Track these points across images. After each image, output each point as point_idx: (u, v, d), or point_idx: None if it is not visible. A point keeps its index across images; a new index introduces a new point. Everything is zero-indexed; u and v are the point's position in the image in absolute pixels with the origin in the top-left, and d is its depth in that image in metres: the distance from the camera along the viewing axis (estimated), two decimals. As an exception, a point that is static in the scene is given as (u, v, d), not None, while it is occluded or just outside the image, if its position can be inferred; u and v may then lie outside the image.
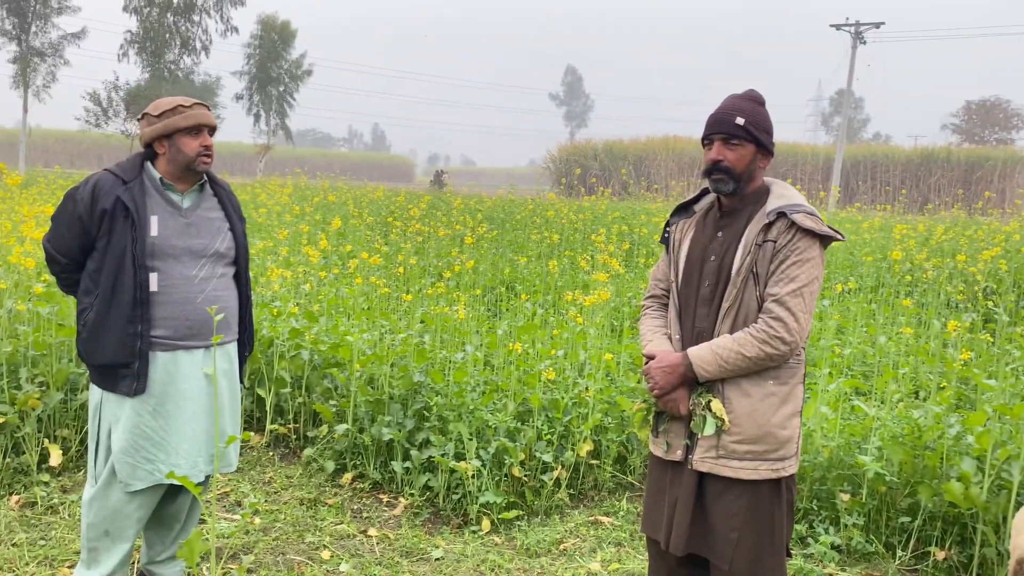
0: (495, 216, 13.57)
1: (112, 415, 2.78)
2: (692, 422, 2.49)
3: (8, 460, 4.04)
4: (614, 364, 4.88)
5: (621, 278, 7.52)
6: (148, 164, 2.85)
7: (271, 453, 4.70)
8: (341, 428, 4.30)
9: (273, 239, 8.25)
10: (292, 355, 4.87)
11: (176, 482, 2.09)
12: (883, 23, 38.92)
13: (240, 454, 4.65)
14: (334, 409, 4.48)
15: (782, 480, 2.48)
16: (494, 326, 5.73)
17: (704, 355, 2.43)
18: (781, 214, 2.42)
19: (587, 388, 4.44)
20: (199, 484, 2.90)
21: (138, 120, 2.87)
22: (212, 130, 2.86)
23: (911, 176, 45.35)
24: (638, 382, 4.65)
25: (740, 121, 2.47)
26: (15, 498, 3.86)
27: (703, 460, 2.47)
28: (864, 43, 39.34)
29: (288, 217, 11.12)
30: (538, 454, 4.09)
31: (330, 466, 4.34)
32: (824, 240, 2.45)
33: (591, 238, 9.31)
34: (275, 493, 4.21)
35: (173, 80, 39.56)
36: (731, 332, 2.45)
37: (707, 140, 2.54)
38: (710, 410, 2.46)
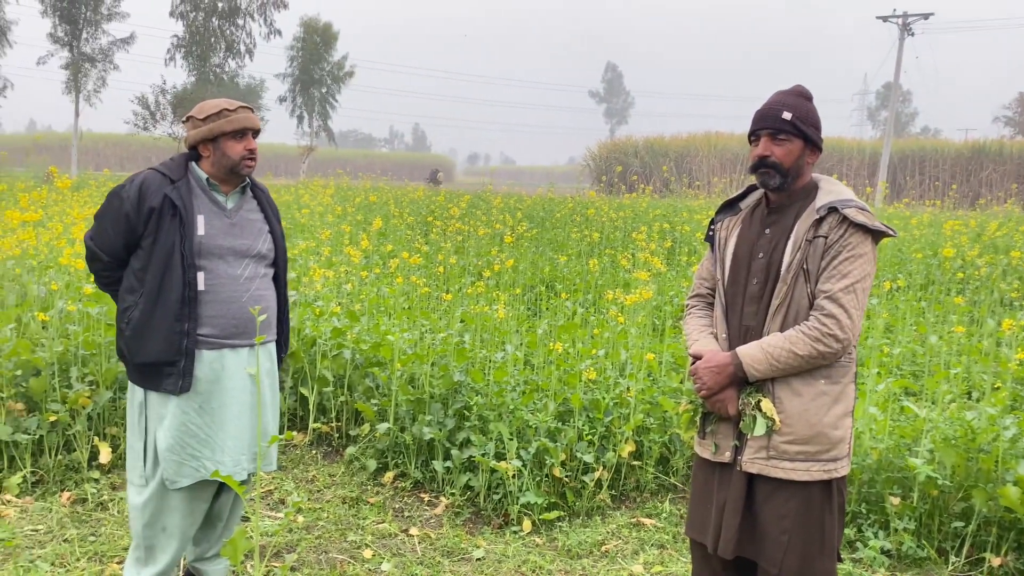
0: (535, 214, 13.55)
1: (156, 414, 2.81)
2: (741, 423, 2.45)
3: (60, 457, 4.14)
4: (656, 364, 4.82)
5: (663, 276, 7.44)
6: (193, 164, 2.87)
7: (314, 451, 4.75)
8: (383, 427, 4.32)
9: (315, 239, 8.34)
10: (334, 354, 4.91)
11: (221, 479, 2.10)
12: (932, 14, 38.01)
13: (283, 452, 4.70)
14: (375, 408, 4.50)
15: (833, 482, 2.43)
16: (534, 325, 5.71)
17: (754, 354, 2.39)
18: (832, 209, 2.37)
19: (628, 388, 4.40)
20: (243, 483, 2.93)
21: (183, 122, 2.90)
22: (256, 133, 2.88)
23: (961, 171, 44.21)
24: (681, 382, 4.59)
25: (787, 116, 2.42)
26: (66, 495, 3.95)
27: (753, 461, 2.42)
28: (912, 35, 38.46)
29: (330, 217, 11.23)
30: (579, 455, 4.06)
31: (372, 465, 4.36)
32: (876, 236, 2.40)
33: (632, 236, 9.23)
34: (318, 491, 4.24)
35: (218, 83, 40.29)
36: (781, 330, 2.40)
37: (753, 136, 2.50)
38: (760, 410, 2.41)
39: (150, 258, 2.74)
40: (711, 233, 2.72)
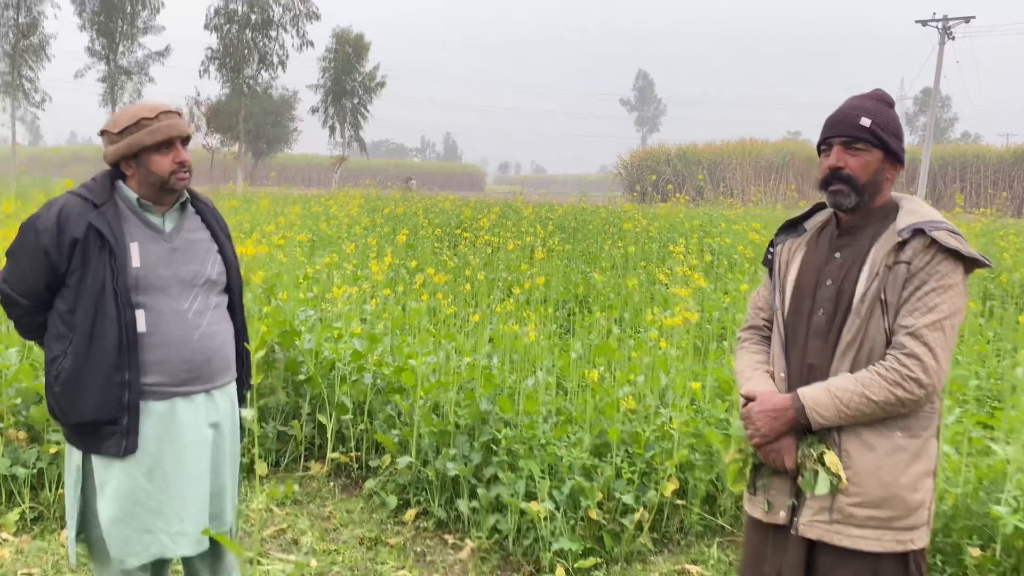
0: (567, 225, 13.20)
1: (98, 480, 2.43)
2: (800, 478, 2.09)
3: (61, 492, 3.87)
4: (700, 391, 4.45)
5: (703, 292, 7.05)
6: (120, 183, 2.48)
7: (331, 484, 4.44)
8: (404, 461, 4.00)
9: (340, 253, 8.08)
10: (354, 379, 4.60)
11: (180, 553, 1.76)
12: (973, 17, 37.09)
13: (300, 484, 4.40)
14: (396, 439, 4.18)
15: (910, 555, 2.06)
16: (567, 345, 5.36)
17: (819, 397, 2.03)
18: (918, 231, 2.01)
19: (671, 419, 4.03)
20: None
21: (100, 135, 2.49)
22: (186, 140, 2.48)
23: (1004, 177, 43.08)
24: (727, 410, 4.21)
25: (865, 122, 2.07)
26: (66, 533, 3.68)
27: (812, 524, 2.07)
28: (952, 39, 37.56)
29: (358, 229, 10.99)
30: (617, 494, 3.70)
31: (392, 501, 4.04)
32: (968, 264, 2.03)
33: (670, 249, 8.85)
34: (334, 530, 3.93)
35: (252, 94, 40.59)
36: (851, 370, 2.04)
37: (824, 145, 2.14)
38: (823, 464, 2.05)
39: (78, 298, 2.34)
40: (770, 256, 2.37)
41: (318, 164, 73.52)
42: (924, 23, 37.64)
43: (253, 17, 39.74)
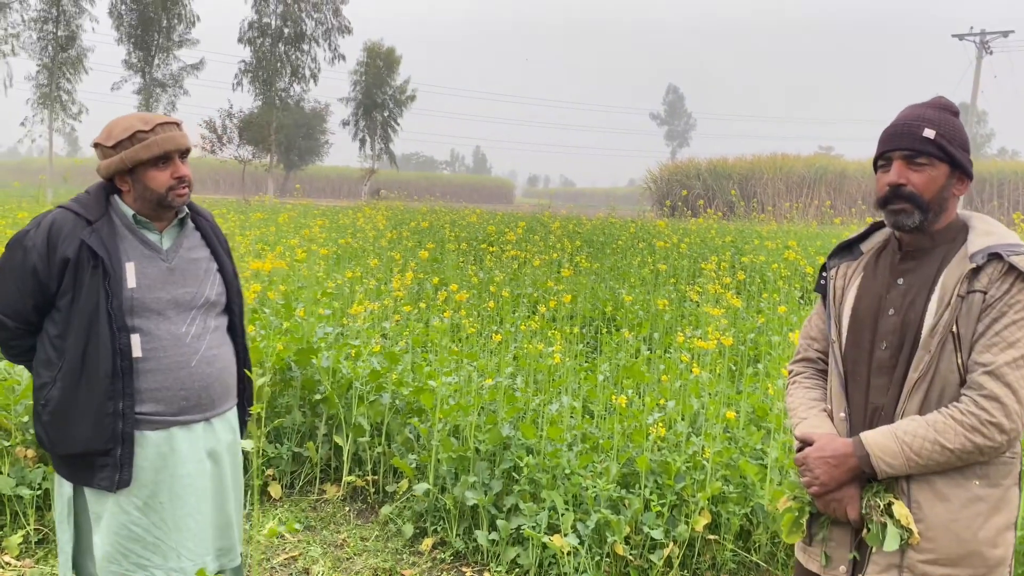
0: (595, 239, 12.98)
1: (92, 514, 2.28)
2: (866, 532, 1.87)
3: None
4: (735, 419, 4.22)
5: (736, 312, 6.80)
6: (115, 198, 2.32)
7: (347, 508, 4.26)
8: (420, 488, 3.82)
9: (364, 267, 7.95)
10: (371, 399, 4.44)
11: None
12: (1012, 31, 36.39)
13: (314, 509, 4.23)
14: (414, 464, 4.00)
15: None
16: (593, 366, 5.15)
17: (886, 444, 1.81)
18: (995, 255, 1.78)
19: (703, 448, 3.80)
20: None
21: (92, 147, 2.33)
22: (185, 153, 2.33)
23: (1044, 194, 42.13)
24: (759, 440, 3.98)
25: (930, 134, 1.85)
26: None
27: None
28: (990, 53, 36.88)
29: (383, 242, 10.87)
30: (645, 528, 3.48)
31: (408, 530, 3.86)
32: None
33: (701, 266, 8.60)
34: (347, 559, 3.75)
35: (283, 107, 40.96)
36: (920, 412, 1.82)
37: (883, 160, 1.93)
38: (891, 516, 1.83)
39: (69, 322, 2.19)
40: (823, 281, 2.15)
41: (349, 176, 73.99)
42: (961, 37, 37.04)
43: (286, 31, 40.18)
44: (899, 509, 1.82)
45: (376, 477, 4.41)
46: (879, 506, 1.85)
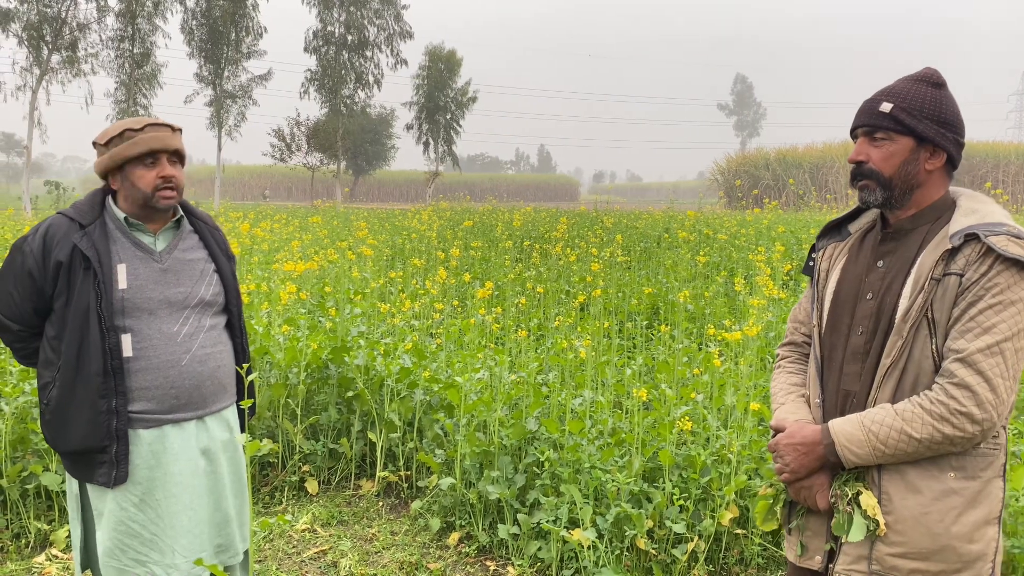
0: (650, 234, 12.84)
1: (96, 510, 2.37)
2: (833, 520, 1.82)
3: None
4: (768, 412, 4.12)
5: (779, 304, 6.63)
6: (110, 202, 2.40)
7: (380, 503, 4.33)
8: (446, 483, 3.86)
9: (411, 267, 8.05)
10: (402, 396, 4.50)
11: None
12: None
13: (348, 504, 4.32)
14: (441, 459, 4.04)
15: None
16: (628, 361, 5.10)
17: (852, 432, 1.76)
18: (972, 236, 1.70)
19: (729, 442, 3.73)
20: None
21: (93, 147, 2.44)
22: (174, 155, 2.38)
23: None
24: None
25: (886, 107, 1.78)
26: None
27: (849, 574, 1.79)
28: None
29: (433, 239, 10.98)
30: (669, 522, 3.44)
31: (436, 524, 3.90)
32: None
33: (750, 257, 8.41)
34: (376, 553, 3.81)
35: (349, 114, 41.79)
36: (893, 400, 1.76)
37: (852, 137, 1.87)
38: (858, 506, 1.77)
39: (64, 323, 2.27)
40: (811, 263, 2.09)
41: (415, 180, 74.94)
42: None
43: (349, 38, 40.97)
44: (866, 499, 1.76)
45: (409, 472, 4.47)
46: (847, 495, 1.80)
